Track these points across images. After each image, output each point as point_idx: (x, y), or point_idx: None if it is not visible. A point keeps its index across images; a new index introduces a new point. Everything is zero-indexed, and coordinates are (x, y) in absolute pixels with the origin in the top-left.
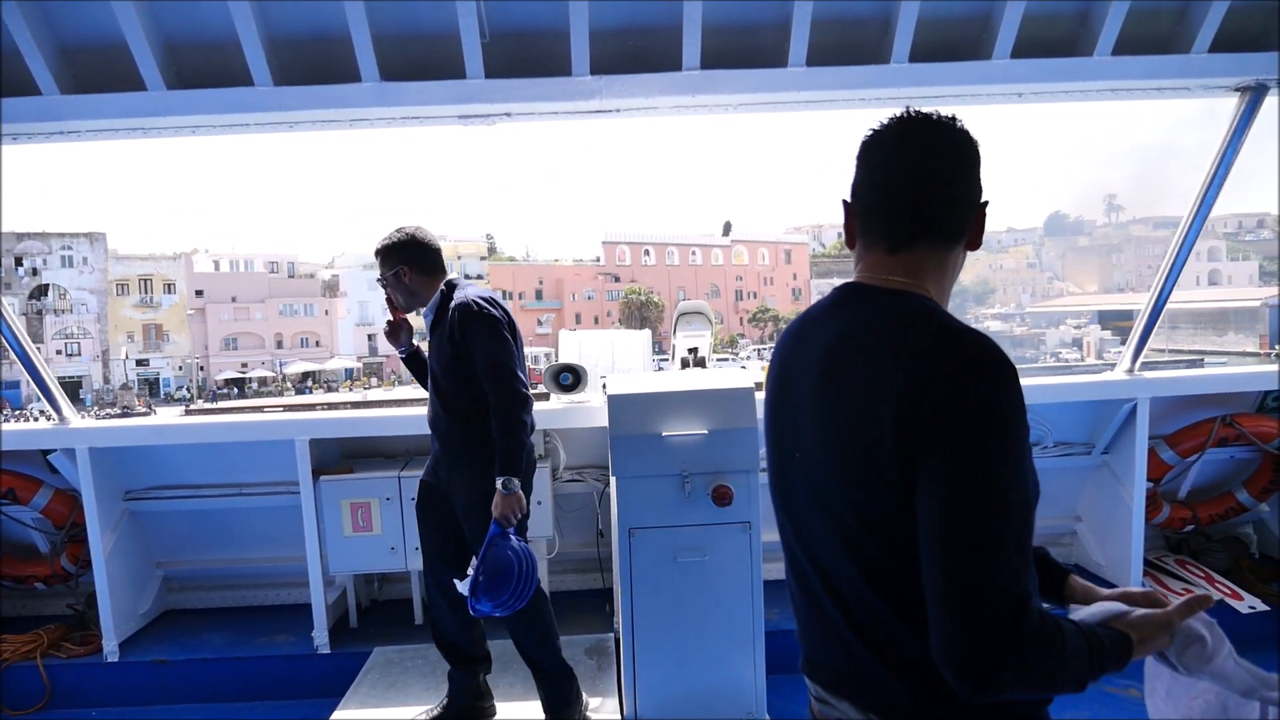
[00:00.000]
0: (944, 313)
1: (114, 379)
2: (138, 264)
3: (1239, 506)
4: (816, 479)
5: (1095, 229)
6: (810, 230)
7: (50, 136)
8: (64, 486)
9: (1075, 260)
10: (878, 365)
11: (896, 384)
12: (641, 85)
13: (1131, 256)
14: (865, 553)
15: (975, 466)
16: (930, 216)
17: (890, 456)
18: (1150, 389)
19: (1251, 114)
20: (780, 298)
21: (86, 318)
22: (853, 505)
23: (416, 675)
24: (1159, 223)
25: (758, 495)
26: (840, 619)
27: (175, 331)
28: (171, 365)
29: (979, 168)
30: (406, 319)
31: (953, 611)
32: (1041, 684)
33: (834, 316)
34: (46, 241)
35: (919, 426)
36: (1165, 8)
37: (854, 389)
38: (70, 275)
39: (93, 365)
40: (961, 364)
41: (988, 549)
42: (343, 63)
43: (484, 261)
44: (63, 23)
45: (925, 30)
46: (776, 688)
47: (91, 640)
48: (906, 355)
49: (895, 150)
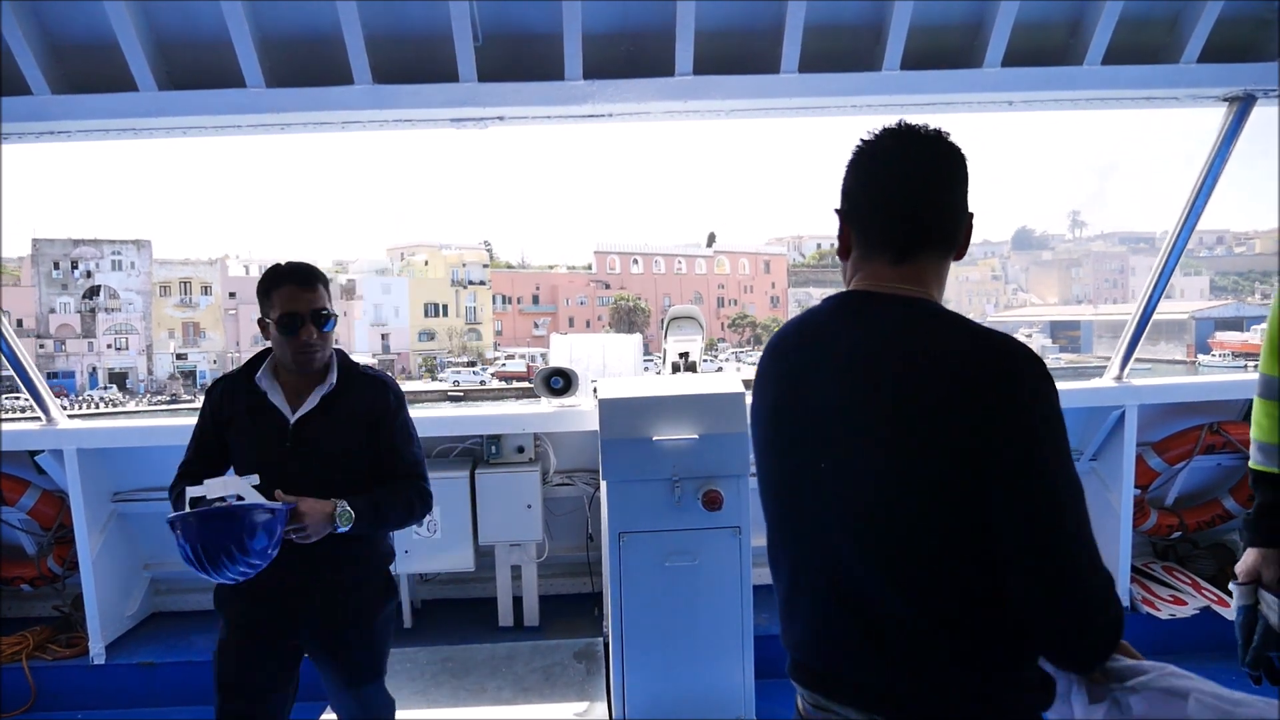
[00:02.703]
0: (963, 316)
1: (157, 371)
2: (178, 268)
3: (1226, 514)
4: (852, 488)
5: (1059, 243)
6: (790, 241)
7: (41, 136)
8: (51, 488)
9: (1038, 273)
10: (922, 370)
11: (947, 387)
12: (634, 90)
13: (1089, 271)
14: (899, 562)
15: (1050, 459)
16: (932, 227)
17: (946, 461)
18: (1138, 396)
19: (1239, 124)
20: (759, 305)
21: (133, 315)
22: (896, 513)
23: (405, 679)
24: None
25: (748, 500)
26: (855, 627)
27: (211, 329)
28: (207, 359)
29: (968, 180)
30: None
31: (1074, 599)
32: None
33: (848, 325)
34: (99, 247)
35: (978, 430)
36: (1156, 17)
37: (899, 395)
38: (119, 277)
39: (138, 358)
40: (1009, 365)
41: (1085, 532)
42: (335, 65)
43: (486, 269)
44: (54, 22)
45: (917, 38)
46: (765, 692)
47: (78, 642)
48: (950, 359)
49: (896, 161)
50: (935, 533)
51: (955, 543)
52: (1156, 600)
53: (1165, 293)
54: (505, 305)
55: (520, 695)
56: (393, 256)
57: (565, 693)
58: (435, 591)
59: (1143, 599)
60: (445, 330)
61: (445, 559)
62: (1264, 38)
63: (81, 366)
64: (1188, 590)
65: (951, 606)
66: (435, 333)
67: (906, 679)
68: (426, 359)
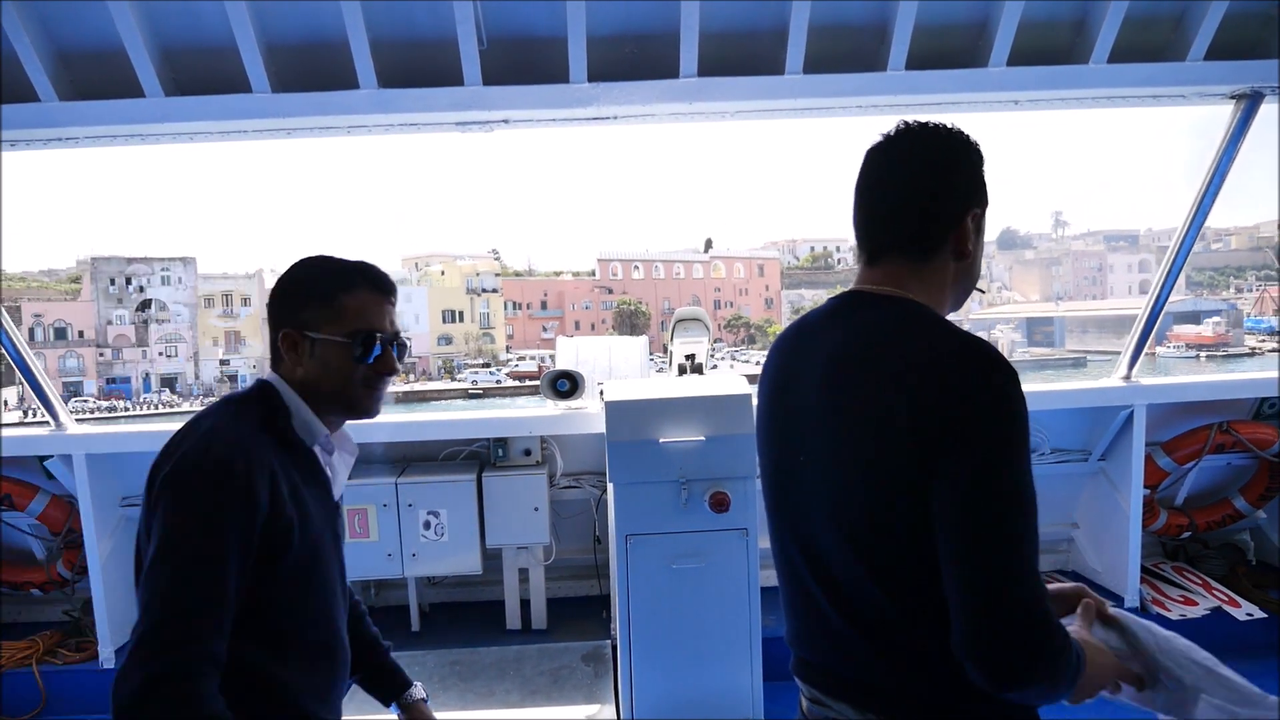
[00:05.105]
0: (940, 317)
1: (203, 376)
2: (219, 281)
3: (1236, 513)
4: (826, 483)
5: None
6: (784, 245)
7: (49, 143)
8: (61, 492)
9: (1021, 272)
10: (886, 370)
11: (908, 387)
12: (639, 92)
13: (1069, 269)
14: (875, 555)
15: (997, 467)
16: (897, 228)
17: (903, 459)
18: (1147, 395)
19: (1247, 121)
20: (754, 307)
21: (182, 326)
22: (865, 508)
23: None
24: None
25: (755, 501)
26: (842, 621)
27: (250, 337)
28: (247, 364)
29: (960, 176)
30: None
31: (984, 606)
32: (1055, 680)
33: (834, 324)
34: (150, 264)
35: (933, 430)
36: (1162, 15)
37: (864, 394)
38: (168, 291)
39: (186, 364)
40: (972, 368)
41: (1015, 546)
42: (341, 69)
43: (498, 277)
44: (61, 28)
45: (922, 38)
46: (773, 694)
47: (87, 647)
48: (915, 360)
49: (867, 166)
50: (907, 530)
51: (925, 539)
52: (1167, 600)
53: (1142, 288)
54: (516, 311)
55: (528, 698)
56: (408, 266)
57: (573, 695)
58: (442, 595)
59: (1153, 599)
60: (461, 335)
61: (452, 562)
62: (1270, 35)
63: (136, 373)
64: (1198, 590)
65: (934, 603)
66: (452, 337)
67: (899, 676)
68: (445, 361)
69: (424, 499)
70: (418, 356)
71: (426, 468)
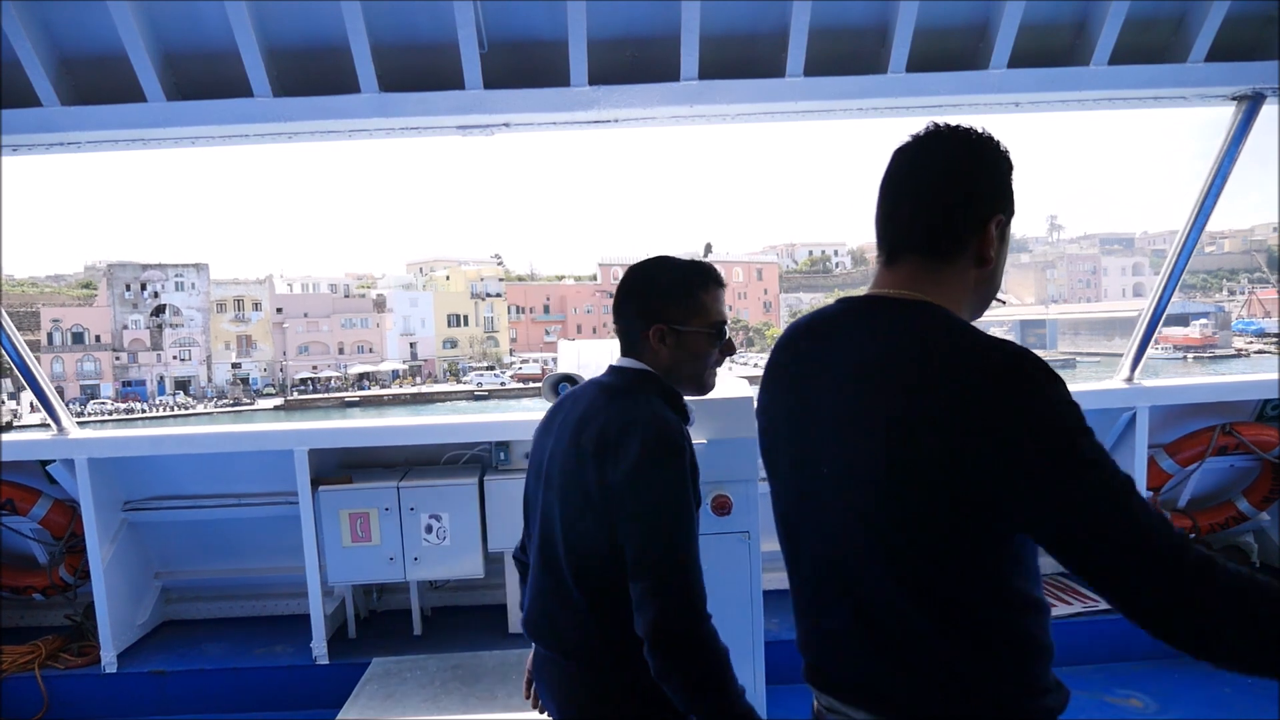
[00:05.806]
0: (968, 325)
1: (215, 378)
2: (231, 287)
3: (1239, 515)
4: (855, 495)
5: (1038, 246)
6: (783, 249)
7: (50, 148)
8: (63, 497)
9: (1017, 275)
10: (927, 381)
11: (951, 400)
12: (639, 95)
13: (1063, 272)
14: (908, 567)
15: (1091, 454)
16: (911, 229)
17: (948, 469)
18: (1149, 397)
19: (1248, 123)
20: (753, 310)
21: (195, 330)
22: (895, 515)
23: (415, 686)
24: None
25: (757, 505)
26: (865, 631)
27: (261, 341)
28: (258, 367)
29: (987, 181)
30: None
31: (1156, 562)
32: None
33: (855, 329)
34: (164, 271)
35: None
36: (1162, 17)
37: (901, 405)
38: (182, 297)
39: (199, 368)
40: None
41: (1142, 506)
42: (342, 73)
43: (501, 282)
44: (63, 33)
45: (923, 40)
46: (776, 698)
47: (90, 651)
48: (955, 372)
49: (893, 165)
50: (944, 543)
51: (961, 549)
52: None
53: (1136, 290)
54: (519, 315)
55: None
56: (413, 271)
57: None
58: (445, 598)
59: None
60: (466, 338)
61: (454, 566)
62: (1271, 36)
63: (151, 376)
64: None
65: (968, 615)
66: (457, 341)
67: (918, 685)
68: (450, 364)
69: (426, 503)
70: (424, 359)
71: (428, 471)
